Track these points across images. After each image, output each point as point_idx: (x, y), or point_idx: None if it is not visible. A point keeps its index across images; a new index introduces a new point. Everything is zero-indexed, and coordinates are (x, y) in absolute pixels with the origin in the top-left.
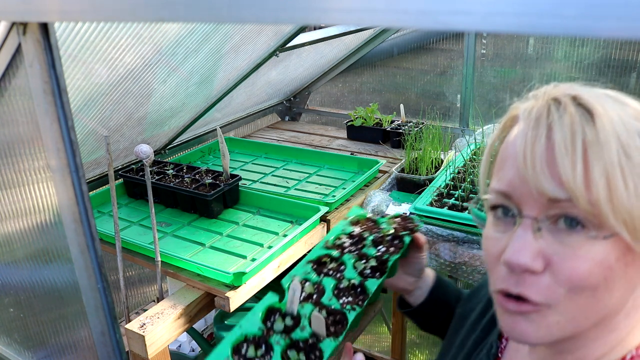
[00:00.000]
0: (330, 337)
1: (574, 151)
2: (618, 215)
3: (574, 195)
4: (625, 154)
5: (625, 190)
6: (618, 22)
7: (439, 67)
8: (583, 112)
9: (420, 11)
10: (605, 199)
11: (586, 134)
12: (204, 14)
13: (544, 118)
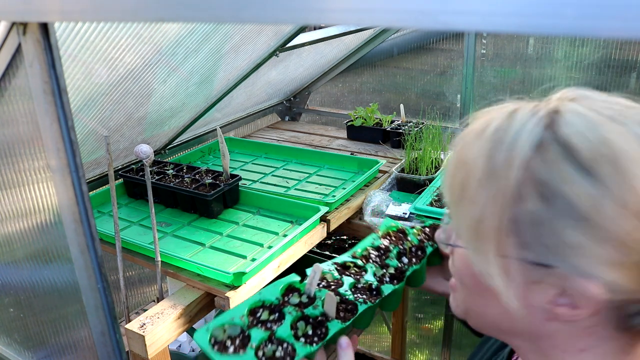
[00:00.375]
0: (339, 320)
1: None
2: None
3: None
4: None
5: (454, 204)
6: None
7: (439, 67)
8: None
9: (420, 11)
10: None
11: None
12: (204, 14)
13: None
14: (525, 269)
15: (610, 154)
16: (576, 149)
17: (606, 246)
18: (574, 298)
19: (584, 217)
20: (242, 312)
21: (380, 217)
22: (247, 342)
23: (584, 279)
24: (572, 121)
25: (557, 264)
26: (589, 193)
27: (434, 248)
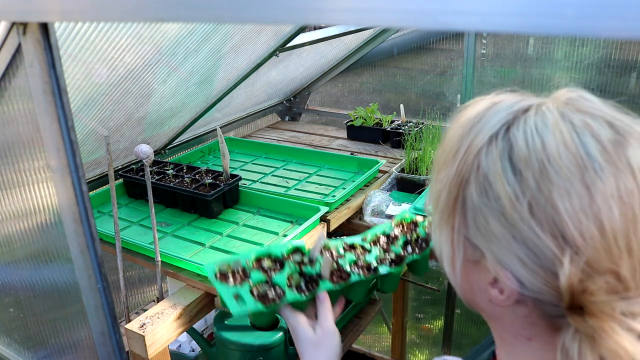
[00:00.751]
0: (330, 281)
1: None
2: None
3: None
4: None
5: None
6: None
7: (439, 67)
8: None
9: (420, 11)
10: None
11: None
12: (204, 14)
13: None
14: (466, 247)
15: (541, 159)
16: (515, 148)
17: (519, 245)
18: (501, 284)
19: (505, 214)
20: (249, 258)
21: (380, 217)
22: (245, 280)
23: (502, 268)
24: (530, 122)
25: (484, 250)
26: (513, 192)
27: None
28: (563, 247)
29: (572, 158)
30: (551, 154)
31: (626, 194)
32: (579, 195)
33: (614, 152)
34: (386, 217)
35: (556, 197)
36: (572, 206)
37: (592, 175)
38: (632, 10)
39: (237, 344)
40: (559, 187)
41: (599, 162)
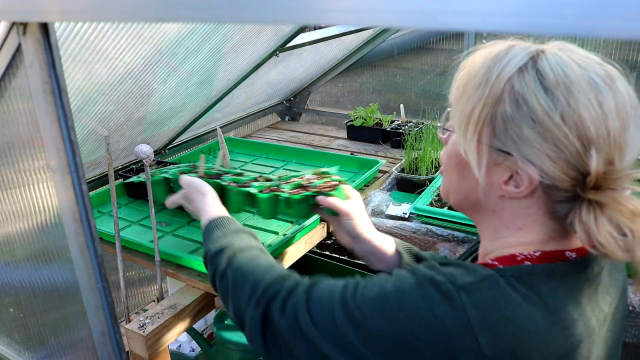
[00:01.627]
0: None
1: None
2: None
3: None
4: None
5: (455, 100)
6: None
7: (439, 67)
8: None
9: (420, 11)
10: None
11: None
12: (204, 14)
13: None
14: (491, 153)
15: (567, 83)
16: (545, 75)
17: (547, 143)
18: (518, 180)
19: (539, 121)
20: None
21: (380, 217)
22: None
23: (528, 164)
24: (550, 58)
25: (513, 152)
26: (547, 106)
27: (317, 201)
28: (586, 146)
29: (587, 84)
30: (573, 80)
31: (621, 108)
32: (595, 109)
33: (609, 81)
34: (386, 217)
35: (582, 110)
36: (591, 116)
37: (601, 96)
38: (632, 10)
39: (237, 344)
40: (583, 103)
41: (603, 86)
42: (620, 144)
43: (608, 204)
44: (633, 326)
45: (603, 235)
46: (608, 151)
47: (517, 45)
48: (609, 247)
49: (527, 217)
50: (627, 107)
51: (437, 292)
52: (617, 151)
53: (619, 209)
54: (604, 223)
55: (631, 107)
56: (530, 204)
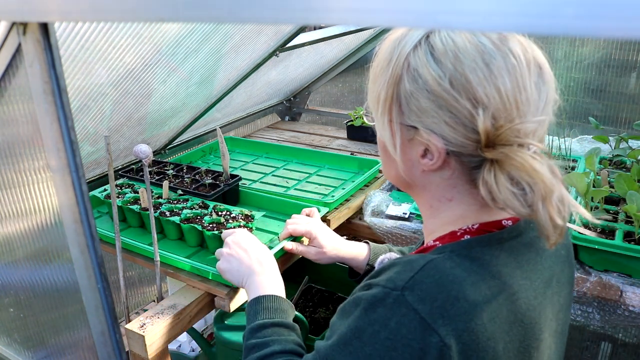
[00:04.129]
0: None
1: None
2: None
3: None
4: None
5: (370, 85)
6: (618, 22)
7: None
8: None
9: (420, 11)
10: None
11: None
12: (204, 14)
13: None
14: (403, 130)
15: (454, 50)
16: (435, 47)
17: (442, 111)
18: (430, 151)
19: (432, 90)
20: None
21: (380, 217)
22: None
23: (432, 134)
24: (442, 32)
25: (417, 125)
26: (437, 74)
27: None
28: (476, 107)
29: (474, 47)
30: (460, 46)
31: (512, 67)
32: (482, 70)
33: (500, 43)
34: (386, 217)
35: (468, 73)
36: (478, 78)
37: (488, 57)
38: (632, 10)
39: (237, 344)
40: (468, 66)
41: (491, 48)
42: (517, 102)
43: (505, 161)
44: (633, 326)
45: (503, 193)
46: (502, 109)
47: (415, 29)
48: (510, 204)
49: (452, 188)
50: (522, 66)
51: (384, 308)
52: (514, 109)
53: (515, 164)
54: (503, 180)
55: (527, 65)
56: (450, 174)
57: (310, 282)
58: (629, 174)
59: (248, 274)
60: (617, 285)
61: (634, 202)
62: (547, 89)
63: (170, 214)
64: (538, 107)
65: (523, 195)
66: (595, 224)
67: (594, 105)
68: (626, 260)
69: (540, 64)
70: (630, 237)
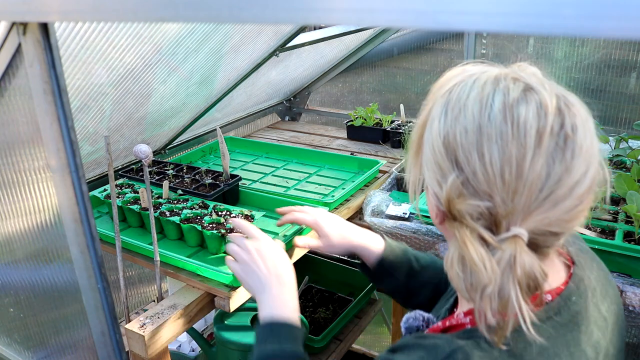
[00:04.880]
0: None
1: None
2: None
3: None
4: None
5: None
6: (618, 22)
7: (439, 67)
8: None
9: (420, 11)
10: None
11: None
12: (204, 14)
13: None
14: (422, 183)
15: (459, 108)
16: (450, 99)
17: (436, 168)
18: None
19: (431, 143)
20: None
21: (380, 217)
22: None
23: (431, 189)
24: (465, 85)
25: (424, 175)
26: (439, 128)
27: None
28: (454, 169)
29: (479, 106)
30: (467, 103)
31: (507, 136)
32: (474, 133)
33: (512, 103)
34: (386, 217)
35: (458, 132)
36: (466, 140)
37: (486, 120)
38: (632, 10)
39: (237, 344)
40: (462, 125)
41: (497, 110)
42: (503, 177)
43: (460, 240)
44: (633, 326)
45: (450, 271)
46: (483, 180)
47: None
48: (454, 284)
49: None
50: (528, 136)
51: None
52: (497, 183)
53: (460, 244)
54: (454, 258)
55: (539, 135)
56: (455, 229)
57: (310, 282)
58: (629, 174)
59: (263, 288)
60: (617, 285)
61: (634, 202)
62: (572, 162)
63: (170, 214)
64: (541, 187)
65: (465, 280)
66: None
67: (593, 105)
68: (626, 260)
69: (568, 133)
70: (630, 237)
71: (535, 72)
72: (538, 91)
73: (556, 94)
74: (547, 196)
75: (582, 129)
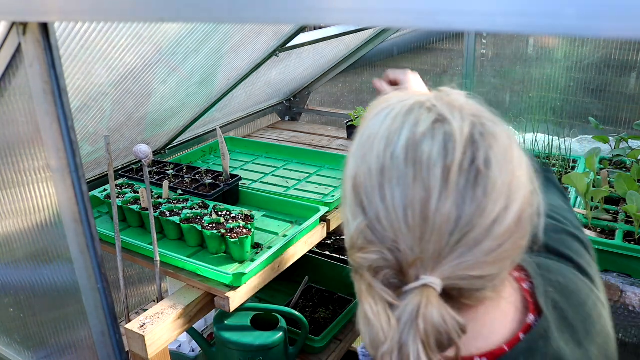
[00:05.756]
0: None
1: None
2: None
3: None
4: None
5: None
6: (618, 22)
7: (439, 67)
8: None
9: (420, 11)
10: None
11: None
12: (204, 14)
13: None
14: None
15: (365, 149)
16: (363, 134)
17: (346, 210)
18: None
19: (344, 185)
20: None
21: None
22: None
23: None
24: (379, 116)
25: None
26: (345, 170)
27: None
28: (362, 212)
29: (384, 146)
30: (374, 141)
31: (406, 179)
32: (377, 173)
33: (416, 140)
34: None
35: (362, 173)
36: (370, 182)
37: (388, 162)
38: (632, 10)
39: (237, 344)
40: (367, 165)
41: (400, 149)
42: (407, 221)
43: (360, 293)
44: (633, 326)
45: (358, 324)
46: (387, 226)
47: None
48: (363, 338)
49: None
50: (432, 175)
51: None
52: (402, 228)
53: (363, 308)
54: (361, 310)
55: (444, 174)
56: (356, 281)
57: (310, 282)
58: (628, 174)
59: None
60: (617, 285)
61: (634, 202)
62: (486, 200)
63: (170, 214)
64: (451, 231)
65: (367, 337)
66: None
67: (594, 105)
68: (626, 260)
69: (480, 168)
70: (630, 237)
71: (458, 97)
72: (449, 122)
73: (472, 122)
74: (460, 240)
75: (498, 161)
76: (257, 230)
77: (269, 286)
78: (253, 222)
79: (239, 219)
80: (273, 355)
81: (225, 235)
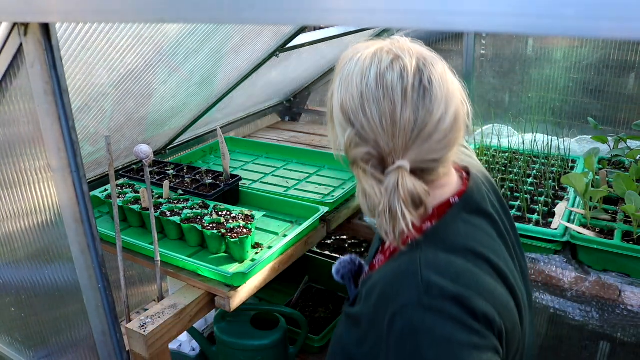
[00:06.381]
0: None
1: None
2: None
3: None
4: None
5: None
6: (618, 22)
7: None
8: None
9: (420, 11)
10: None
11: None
12: (204, 15)
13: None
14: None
15: (346, 70)
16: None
17: (338, 127)
18: None
19: (334, 111)
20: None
21: None
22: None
23: (339, 142)
24: (359, 55)
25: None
26: (332, 101)
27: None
28: (349, 125)
29: (360, 79)
30: (352, 77)
31: (379, 96)
32: (358, 98)
33: (384, 70)
34: None
35: (347, 99)
36: (353, 104)
37: (365, 86)
38: (631, 11)
39: (237, 343)
40: (350, 93)
41: (372, 78)
42: (384, 126)
43: (359, 179)
44: (632, 326)
45: (357, 199)
46: (370, 132)
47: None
48: (362, 209)
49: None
50: (395, 93)
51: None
52: (379, 132)
53: (358, 179)
54: (359, 190)
55: (403, 91)
56: (354, 170)
57: (310, 282)
58: (627, 174)
59: None
60: (615, 284)
61: (633, 202)
62: (432, 106)
63: (171, 213)
64: (412, 129)
65: (366, 205)
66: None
67: (592, 105)
68: (625, 260)
69: (425, 86)
70: (629, 236)
71: (406, 42)
72: (402, 58)
73: (417, 57)
74: (419, 134)
75: (437, 80)
76: (257, 230)
77: (269, 286)
78: (253, 222)
79: (239, 219)
80: (273, 355)
81: (225, 235)
